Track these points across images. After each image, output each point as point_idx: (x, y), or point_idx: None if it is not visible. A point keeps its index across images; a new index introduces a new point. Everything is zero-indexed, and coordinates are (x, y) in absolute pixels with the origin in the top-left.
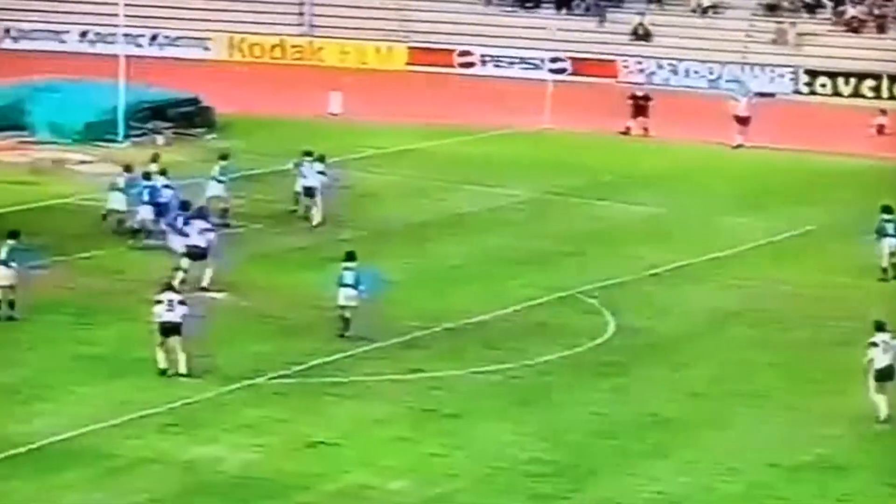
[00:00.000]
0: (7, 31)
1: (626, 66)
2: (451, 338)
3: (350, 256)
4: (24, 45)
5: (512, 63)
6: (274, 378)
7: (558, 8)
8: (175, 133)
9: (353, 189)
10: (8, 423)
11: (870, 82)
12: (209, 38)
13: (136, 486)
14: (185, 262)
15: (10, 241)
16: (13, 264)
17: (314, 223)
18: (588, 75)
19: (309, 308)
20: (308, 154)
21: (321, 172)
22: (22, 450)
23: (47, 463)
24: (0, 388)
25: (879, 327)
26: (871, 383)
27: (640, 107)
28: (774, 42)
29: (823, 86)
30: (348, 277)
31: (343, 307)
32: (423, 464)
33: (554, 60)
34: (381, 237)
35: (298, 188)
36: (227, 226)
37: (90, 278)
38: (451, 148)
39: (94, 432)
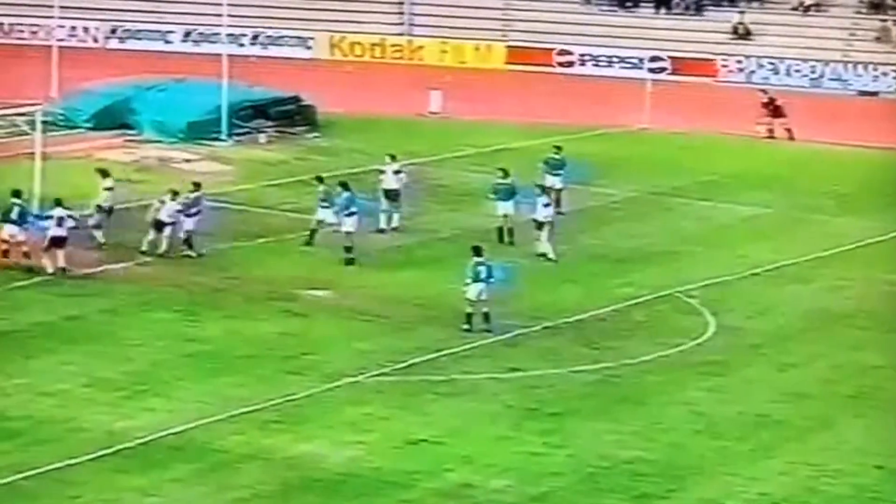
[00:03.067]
0: (114, 30)
1: (725, 66)
2: (551, 336)
3: (478, 251)
4: (130, 44)
5: (611, 62)
6: (375, 375)
7: (657, 7)
8: (277, 132)
9: (451, 188)
10: (116, 418)
11: None
12: (310, 38)
13: (239, 482)
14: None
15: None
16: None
17: (391, 226)
18: (687, 74)
19: (410, 306)
20: (393, 157)
21: (397, 172)
22: (130, 444)
23: (154, 457)
24: (109, 383)
25: None
26: None
27: (776, 108)
28: (878, 40)
29: None
30: (479, 272)
31: (473, 301)
32: (524, 462)
33: (653, 59)
34: (478, 236)
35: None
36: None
37: (198, 275)
38: (549, 147)
39: (200, 428)
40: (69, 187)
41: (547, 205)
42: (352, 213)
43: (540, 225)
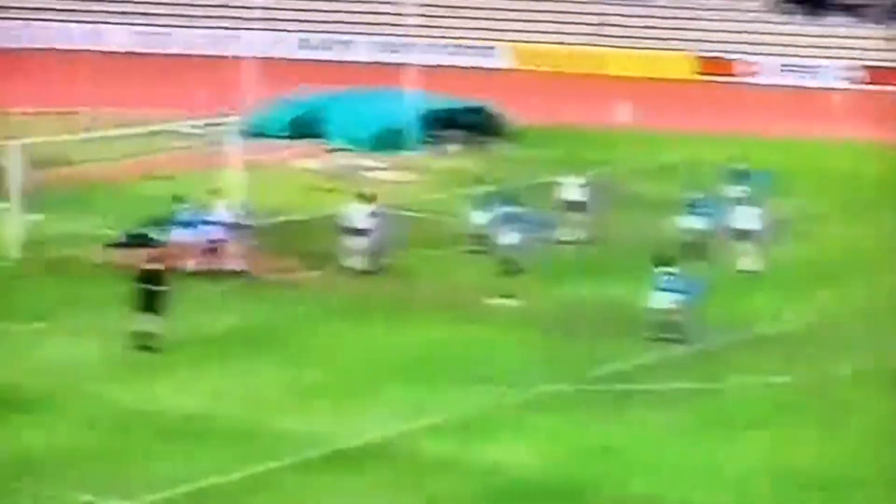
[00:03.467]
0: (305, 41)
1: None
2: (746, 347)
3: (665, 261)
4: (322, 55)
5: (801, 72)
6: (563, 385)
7: (847, 16)
8: (465, 141)
9: (640, 198)
10: (311, 424)
11: None
12: (499, 48)
13: (435, 489)
14: None
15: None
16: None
17: (576, 238)
18: (882, 84)
19: (597, 316)
20: (577, 172)
21: (583, 184)
22: (326, 450)
23: (348, 463)
24: (301, 389)
25: None
26: None
27: None
28: None
29: None
30: (667, 282)
31: (663, 311)
32: (715, 475)
33: (846, 69)
34: (670, 245)
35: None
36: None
37: (385, 284)
38: (739, 157)
39: (393, 434)
40: (265, 194)
41: (751, 216)
42: (514, 225)
43: (742, 235)
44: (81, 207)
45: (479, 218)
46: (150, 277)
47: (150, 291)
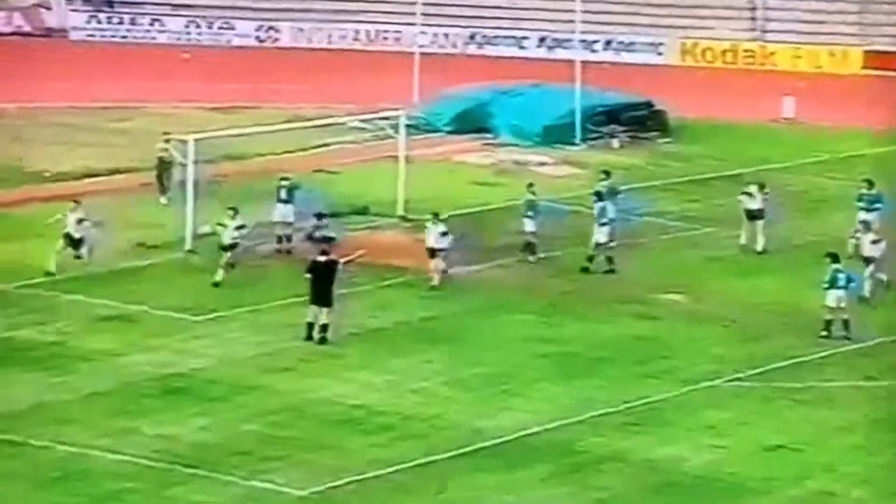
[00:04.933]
0: (472, 37)
1: None
2: None
3: (835, 258)
4: (487, 50)
5: None
6: (732, 381)
7: None
8: (629, 137)
9: (806, 194)
10: (476, 417)
11: None
12: (662, 44)
13: (598, 484)
14: None
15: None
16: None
17: (758, 248)
18: None
19: (765, 312)
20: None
21: (763, 191)
22: (489, 443)
23: (513, 457)
24: (468, 382)
25: None
26: None
27: None
28: None
29: None
30: (837, 278)
31: (832, 308)
32: (883, 474)
33: None
34: (834, 243)
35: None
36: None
37: (552, 277)
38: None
39: (559, 429)
40: (429, 189)
41: (875, 241)
42: (604, 224)
43: (867, 261)
44: (251, 201)
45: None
46: (324, 270)
47: (324, 284)
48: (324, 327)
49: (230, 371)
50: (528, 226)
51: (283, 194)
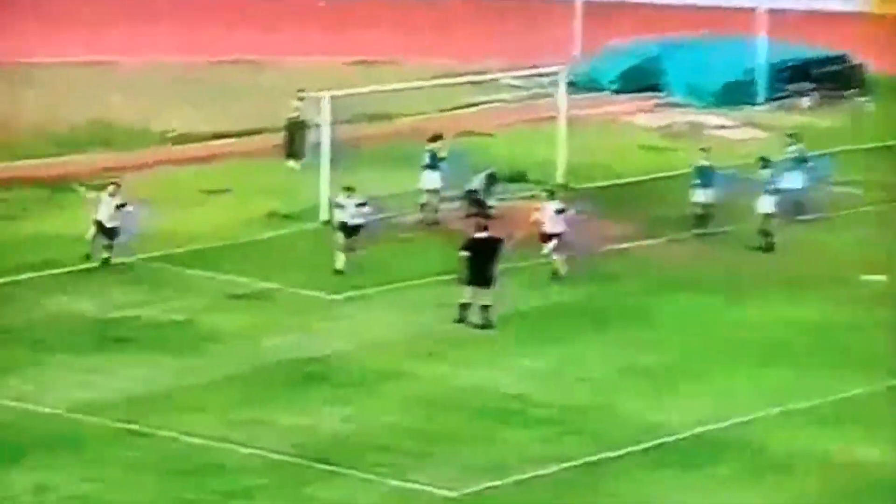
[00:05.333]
0: None
1: None
2: None
3: None
4: None
5: None
6: None
7: None
8: (821, 95)
9: None
10: (653, 410)
11: None
12: None
13: (792, 486)
14: None
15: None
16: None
17: None
18: None
19: None
20: None
21: None
22: (668, 439)
23: (695, 454)
24: (644, 370)
25: None
26: None
27: None
28: None
29: None
30: None
31: None
32: None
33: None
34: None
35: None
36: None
37: (735, 253)
38: None
39: (747, 423)
40: (593, 154)
41: None
42: (773, 192)
43: None
44: (393, 166)
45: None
46: (481, 247)
47: (483, 263)
48: (485, 308)
49: (372, 356)
50: (701, 196)
51: (430, 159)
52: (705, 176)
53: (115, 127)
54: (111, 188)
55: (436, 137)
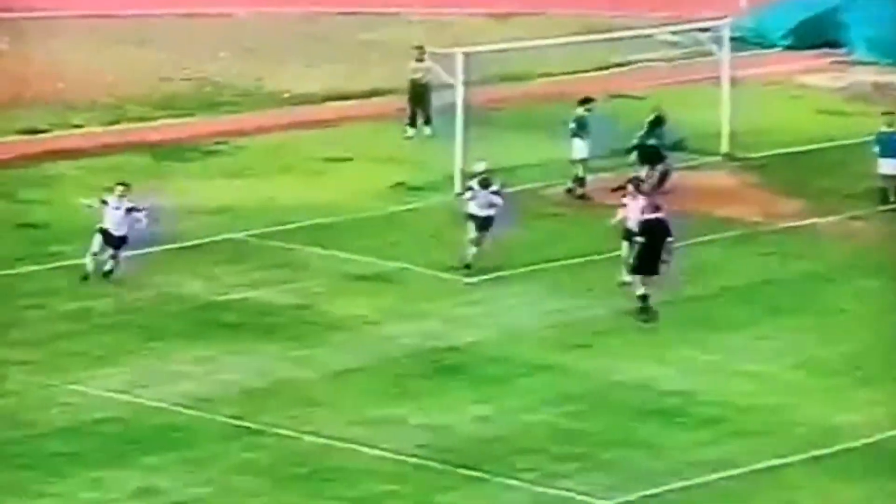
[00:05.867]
0: None
1: None
2: None
3: None
4: None
5: None
6: None
7: None
8: None
9: None
10: (835, 410)
11: None
12: None
13: None
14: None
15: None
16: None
17: None
18: None
19: None
20: None
21: None
22: (853, 444)
23: (882, 464)
24: (822, 365)
25: None
26: None
27: None
28: None
29: None
30: None
31: None
32: None
33: None
34: None
35: None
36: None
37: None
38: None
39: None
40: (760, 118)
41: None
42: None
43: None
44: (533, 132)
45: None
46: (654, 230)
47: (652, 247)
48: (643, 299)
49: (514, 346)
50: (886, 167)
51: (578, 125)
52: (891, 144)
53: (224, 87)
54: (119, 189)
55: (585, 100)
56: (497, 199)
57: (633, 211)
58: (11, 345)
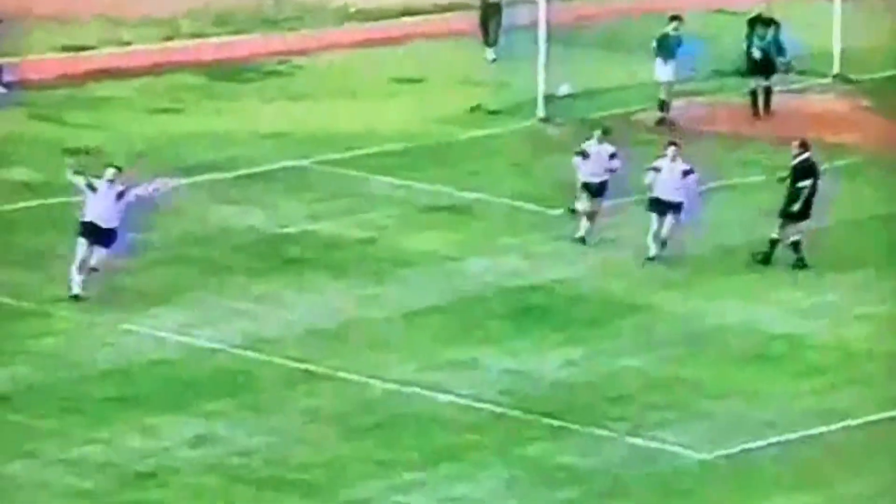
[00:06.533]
0: None
1: None
2: None
3: None
4: None
5: None
6: None
7: None
8: None
9: None
10: None
11: None
12: None
13: None
14: None
15: None
16: None
17: None
18: None
19: None
20: None
21: None
22: None
23: None
24: None
25: None
26: None
27: None
28: None
29: None
30: None
31: None
32: None
33: None
34: None
35: None
36: None
37: None
38: None
39: None
40: (877, 35)
41: None
42: None
43: None
44: (615, 52)
45: None
46: (802, 171)
47: (798, 190)
48: (796, 246)
49: (605, 285)
50: None
51: (658, 44)
52: None
53: (286, 2)
54: (110, 172)
55: (674, 18)
56: (615, 164)
57: (668, 176)
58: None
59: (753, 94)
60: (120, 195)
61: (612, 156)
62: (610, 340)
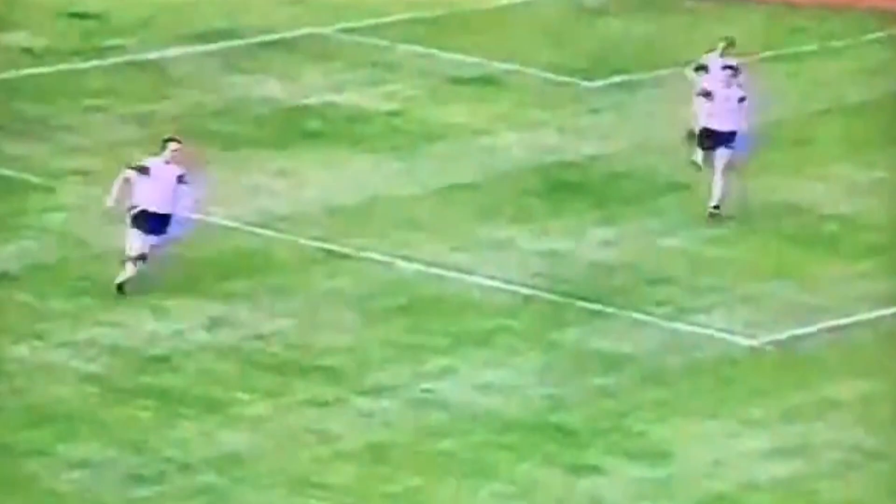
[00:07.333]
0: None
1: None
2: None
3: None
4: None
5: None
6: None
7: None
8: None
9: None
10: None
11: None
12: None
13: None
14: None
15: None
16: None
17: None
18: None
19: None
20: None
21: None
22: None
23: None
24: None
25: None
26: None
27: None
28: None
29: None
30: None
31: None
32: None
33: None
34: None
35: None
36: None
37: None
38: None
39: None
40: None
41: None
42: None
43: None
44: None
45: None
46: None
47: None
48: None
49: (644, 161)
50: None
51: None
52: None
53: None
54: (170, 149)
55: None
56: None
57: (721, 104)
58: (68, 152)
59: None
60: (180, 178)
61: (734, 72)
62: (650, 219)
